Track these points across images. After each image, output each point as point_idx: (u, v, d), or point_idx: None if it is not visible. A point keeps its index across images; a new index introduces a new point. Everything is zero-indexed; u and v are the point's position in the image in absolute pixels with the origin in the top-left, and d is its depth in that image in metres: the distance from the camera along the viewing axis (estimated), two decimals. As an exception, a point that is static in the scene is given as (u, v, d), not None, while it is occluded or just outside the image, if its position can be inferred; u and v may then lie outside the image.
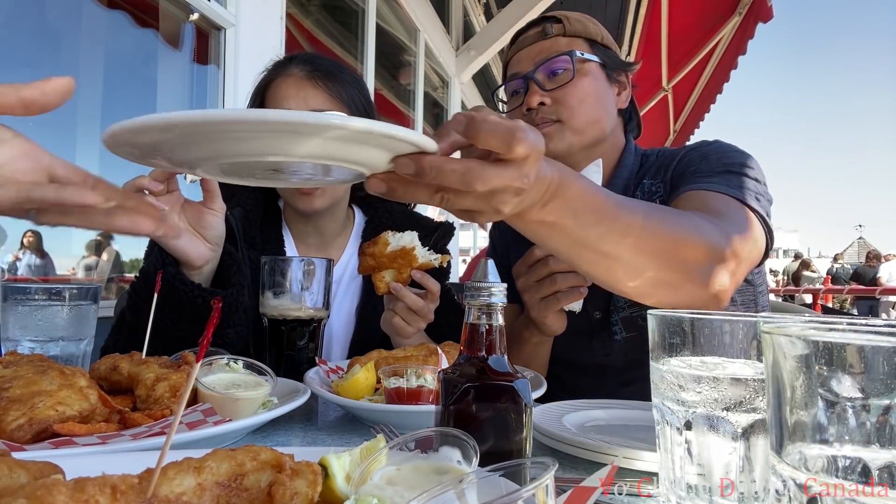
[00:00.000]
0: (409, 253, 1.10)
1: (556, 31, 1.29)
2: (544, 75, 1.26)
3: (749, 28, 5.23)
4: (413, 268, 1.11)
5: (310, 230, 1.40)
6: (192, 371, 0.41)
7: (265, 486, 0.43)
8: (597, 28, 1.31)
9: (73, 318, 0.97)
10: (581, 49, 1.27)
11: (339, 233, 1.45)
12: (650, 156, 1.34)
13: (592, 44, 1.29)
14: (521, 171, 0.60)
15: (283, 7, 3.21)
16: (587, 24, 1.30)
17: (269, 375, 0.85)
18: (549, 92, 1.24)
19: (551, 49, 1.26)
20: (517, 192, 0.62)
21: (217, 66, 2.90)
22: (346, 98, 1.26)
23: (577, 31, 1.29)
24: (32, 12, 2.56)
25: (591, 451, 0.70)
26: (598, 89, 1.26)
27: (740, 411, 0.50)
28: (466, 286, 0.58)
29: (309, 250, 1.41)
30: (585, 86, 1.24)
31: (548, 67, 1.25)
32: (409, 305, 1.11)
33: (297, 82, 1.24)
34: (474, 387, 0.56)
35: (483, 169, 0.59)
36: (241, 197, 1.33)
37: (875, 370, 0.33)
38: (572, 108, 1.23)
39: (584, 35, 1.29)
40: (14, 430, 0.62)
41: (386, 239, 1.10)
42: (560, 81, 1.24)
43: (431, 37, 6.14)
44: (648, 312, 0.58)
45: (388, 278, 1.13)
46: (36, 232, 3.03)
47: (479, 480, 0.39)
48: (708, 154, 1.18)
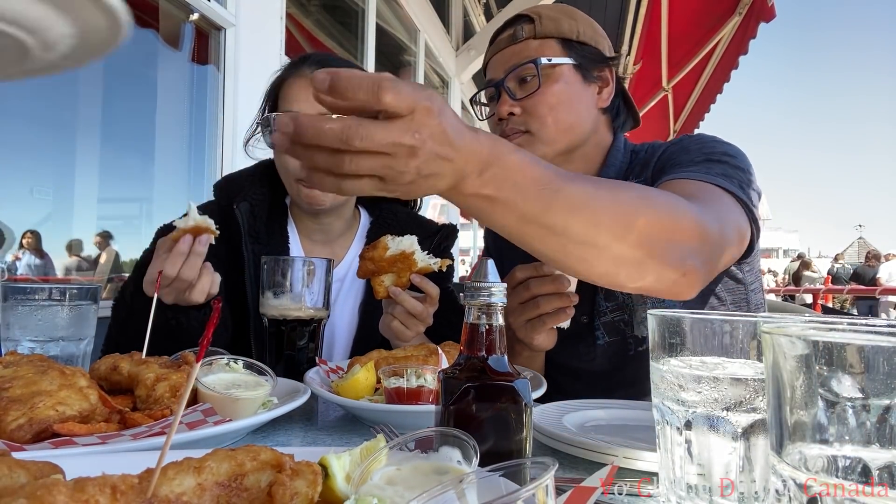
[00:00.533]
0: (408, 257, 1.10)
1: (526, 33, 1.22)
2: (515, 83, 1.21)
3: (750, 28, 5.23)
4: (412, 272, 1.11)
5: (315, 228, 1.41)
6: (192, 371, 0.41)
7: (265, 486, 0.43)
8: (572, 24, 1.23)
9: (73, 318, 0.97)
10: (552, 51, 1.20)
11: (344, 232, 1.45)
12: (639, 151, 1.29)
13: (566, 43, 1.22)
14: (409, 127, 0.57)
15: (283, 7, 3.21)
16: (561, 21, 1.23)
17: (269, 375, 0.85)
18: (519, 101, 1.20)
19: (521, 54, 1.21)
20: (411, 153, 0.58)
21: (217, 66, 2.90)
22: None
23: (548, 31, 1.22)
24: (32, 12, 2.55)
25: (591, 451, 0.70)
26: (570, 94, 1.21)
27: (740, 411, 0.50)
28: (466, 286, 0.58)
29: (314, 248, 1.42)
30: (555, 93, 1.19)
31: (517, 75, 1.20)
32: (409, 310, 1.11)
33: (308, 84, 1.23)
34: (474, 387, 0.56)
35: (361, 125, 0.56)
36: (248, 192, 1.33)
37: (875, 370, 0.33)
38: (541, 117, 1.19)
39: (555, 35, 1.22)
40: (14, 430, 0.62)
41: (385, 243, 1.10)
42: (528, 90, 1.19)
43: (431, 37, 6.14)
44: (649, 312, 0.58)
45: (387, 282, 1.13)
46: (35, 232, 3.03)
47: (479, 480, 0.39)
48: (688, 146, 1.15)
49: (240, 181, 1.37)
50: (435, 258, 1.13)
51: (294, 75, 1.28)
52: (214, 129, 2.92)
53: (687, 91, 7.73)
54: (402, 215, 1.48)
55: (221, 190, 1.38)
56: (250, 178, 1.37)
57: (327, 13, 4.70)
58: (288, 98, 1.26)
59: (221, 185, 1.39)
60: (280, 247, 1.34)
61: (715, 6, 5.58)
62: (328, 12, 4.70)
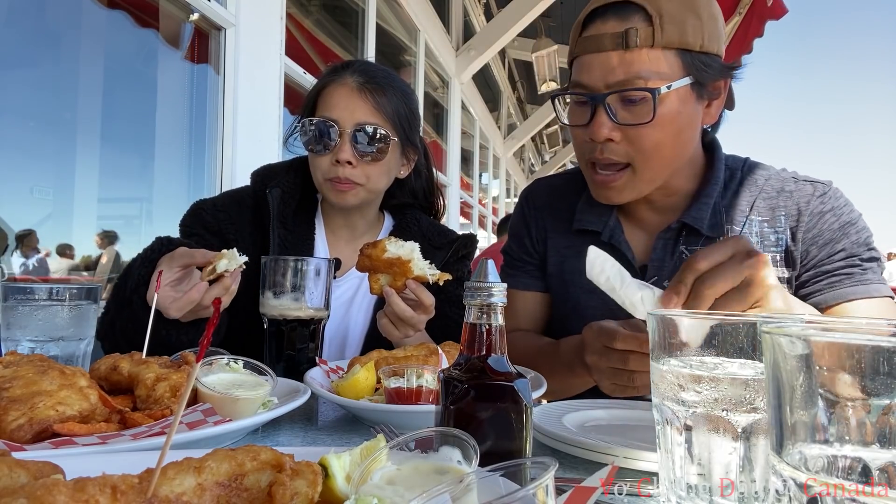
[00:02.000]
0: (404, 263, 1.10)
1: (641, 39, 0.99)
2: (618, 102, 1.02)
3: (752, 27, 5.22)
4: (408, 278, 1.12)
5: (341, 223, 1.46)
6: (193, 371, 0.41)
7: (265, 486, 0.43)
8: (697, 26, 1.00)
9: (73, 318, 0.97)
10: (670, 68, 1.00)
11: (368, 231, 1.50)
12: (735, 169, 1.17)
13: (686, 56, 1.01)
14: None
15: (283, 7, 3.21)
16: (685, 24, 0.99)
17: (269, 375, 0.85)
18: (622, 126, 1.03)
19: (632, 68, 1.00)
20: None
21: (217, 66, 2.90)
22: (391, 112, 1.31)
23: (669, 40, 0.99)
24: (32, 12, 2.56)
25: (591, 451, 0.70)
26: (682, 123, 1.04)
27: (740, 411, 0.50)
28: (466, 286, 0.58)
29: (337, 243, 1.46)
30: (667, 125, 1.02)
31: (624, 95, 1.02)
32: (397, 313, 1.13)
33: (349, 93, 1.30)
34: (474, 387, 0.55)
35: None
36: (281, 179, 1.39)
37: (875, 370, 0.33)
38: (647, 153, 1.03)
39: (677, 45, 1.00)
40: (14, 430, 0.62)
41: (384, 245, 1.10)
42: (637, 118, 1.01)
43: (431, 37, 6.14)
44: (649, 312, 0.58)
45: (383, 281, 1.13)
46: (32, 231, 3.03)
47: (479, 480, 0.39)
48: (847, 230, 1.09)
49: (277, 170, 1.43)
50: (434, 270, 1.13)
51: (335, 82, 1.32)
52: (214, 129, 2.92)
53: (687, 91, 7.72)
54: (424, 222, 1.51)
55: (258, 176, 1.44)
56: (286, 168, 1.43)
57: (327, 13, 4.70)
58: (328, 105, 1.30)
59: (259, 172, 1.45)
60: (305, 235, 1.39)
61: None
62: (328, 12, 4.70)
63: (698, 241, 1.14)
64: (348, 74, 1.32)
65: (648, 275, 1.17)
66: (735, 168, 1.18)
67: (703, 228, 1.13)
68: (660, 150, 1.04)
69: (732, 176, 1.18)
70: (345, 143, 1.27)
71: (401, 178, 1.45)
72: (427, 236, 1.47)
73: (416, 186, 1.53)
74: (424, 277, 1.12)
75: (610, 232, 1.21)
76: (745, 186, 1.16)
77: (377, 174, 1.33)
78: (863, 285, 1.06)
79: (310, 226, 1.41)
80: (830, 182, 1.15)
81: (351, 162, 1.27)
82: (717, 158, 1.17)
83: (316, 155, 1.31)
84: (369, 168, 1.31)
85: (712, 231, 1.13)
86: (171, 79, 3.14)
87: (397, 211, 1.55)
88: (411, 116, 1.38)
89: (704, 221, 1.13)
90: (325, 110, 1.30)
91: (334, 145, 1.28)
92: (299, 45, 4.08)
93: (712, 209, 1.13)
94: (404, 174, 1.45)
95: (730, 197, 1.16)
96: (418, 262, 1.11)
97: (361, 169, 1.30)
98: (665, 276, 1.15)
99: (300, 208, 1.41)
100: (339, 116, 1.28)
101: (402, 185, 1.50)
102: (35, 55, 2.62)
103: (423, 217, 1.53)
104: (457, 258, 1.48)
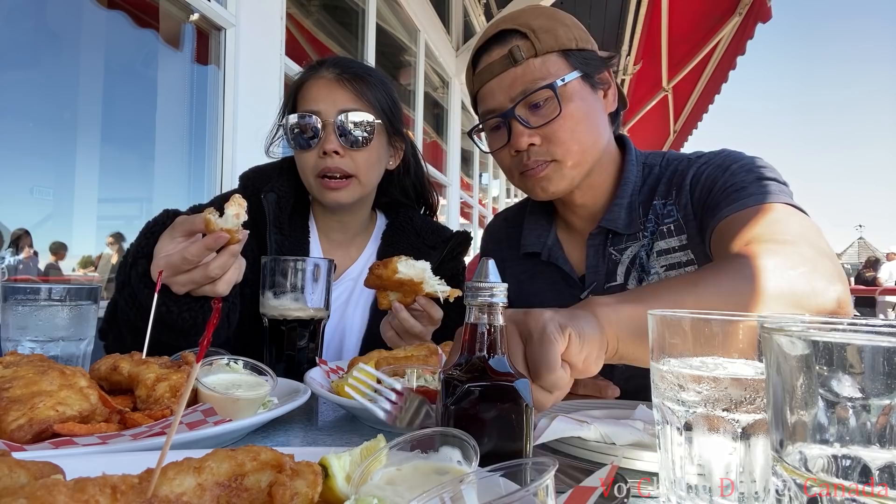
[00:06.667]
0: (416, 285, 1.10)
1: (525, 52, 1.10)
2: (526, 110, 1.11)
3: (748, 28, 5.23)
4: (419, 295, 1.12)
5: (334, 225, 1.45)
6: (193, 371, 0.41)
7: (265, 486, 0.43)
8: (567, 30, 1.13)
9: (73, 318, 0.97)
10: (557, 67, 1.10)
11: (362, 231, 1.49)
12: (652, 165, 1.23)
13: (568, 54, 1.11)
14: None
15: (283, 7, 3.21)
16: (556, 31, 1.11)
17: (270, 375, 0.85)
18: (536, 129, 1.11)
19: (525, 77, 1.10)
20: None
21: (217, 66, 2.90)
22: (372, 98, 1.31)
23: (548, 45, 1.10)
24: (32, 12, 2.55)
25: (591, 451, 0.70)
26: (586, 110, 1.13)
27: (740, 411, 0.50)
28: (467, 286, 0.58)
29: (331, 246, 1.45)
30: (573, 114, 1.10)
31: (528, 102, 1.10)
32: (407, 329, 1.13)
33: (328, 84, 1.29)
34: (474, 387, 0.55)
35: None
36: (275, 183, 1.37)
37: (875, 370, 0.33)
38: (565, 143, 1.11)
39: (556, 48, 1.11)
40: (14, 430, 0.62)
41: (395, 266, 1.09)
42: (547, 117, 1.10)
43: (431, 37, 6.14)
44: (648, 312, 0.58)
45: (392, 297, 1.13)
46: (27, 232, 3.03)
47: (479, 480, 0.39)
48: (727, 166, 1.09)
49: (268, 172, 1.41)
50: (445, 287, 1.12)
51: (313, 78, 1.31)
52: (215, 129, 2.92)
53: (687, 91, 7.74)
54: (417, 220, 1.50)
55: (248, 180, 1.41)
56: (278, 171, 1.41)
57: (327, 13, 4.70)
58: (307, 99, 1.29)
59: (248, 176, 1.42)
60: (301, 240, 1.38)
61: (715, 6, 5.59)
62: (328, 12, 4.70)
63: (622, 241, 1.20)
64: (324, 69, 1.31)
65: (587, 282, 1.23)
66: (653, 164, 1.24)
67: (619, 228, 1.19)
68: (576, 137, 1.12)
69: (650, 172, 1.23)
70: (329, 134, 1.26)
71: (390, 170, 1.44)
72: (421, 235, 1.46)
73: (406, 184, 1.52)
74: (435, 295, 1.12)
75: (548, 252, 1.30)
76: (661, 178, 1.22)
77: (366, 163, 1.31)
78: (738, 202, 1.00)
79: (304, 230, 1.40)
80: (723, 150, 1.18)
81: (338, 151, 1.26)
82: (627, 160, 1.23)
83: (302, 151, 1.30)
84: (357, 155, 1.29)
85: (629, 229, 1.19)
86: (172, 79, 3.14)
87: (390, 209, 1.54)
88: (393, 105, 1.36)
89: (620, 222, 1.19)
90: (307, 105, 1.29)
91: (319, 139, 1.27)
92: (299, 46, 4.08)
93: (627, 208, 1.20)
94: (393, 165, 1.43)
95: (647, 192, 1.21)
96: (430, 280, 1.11)
97: (350, 157, 1.28)
98: (601, 280, 1.21)
99: (294, 212, 1.40)
100: (321, 108, 1.27)
101: (392, 181, 1.49)
102: (35, 55, 2.62)
103: (417, 215, 1.52)
104: (451, 256, 1.48)
